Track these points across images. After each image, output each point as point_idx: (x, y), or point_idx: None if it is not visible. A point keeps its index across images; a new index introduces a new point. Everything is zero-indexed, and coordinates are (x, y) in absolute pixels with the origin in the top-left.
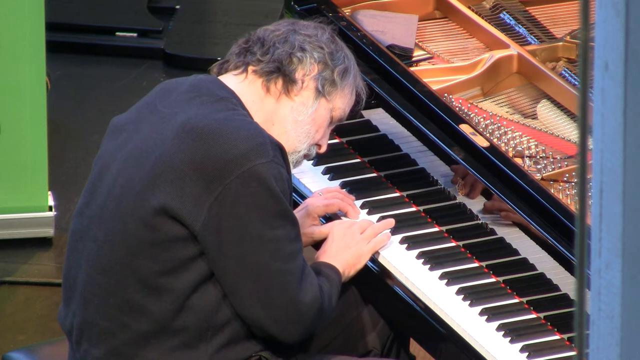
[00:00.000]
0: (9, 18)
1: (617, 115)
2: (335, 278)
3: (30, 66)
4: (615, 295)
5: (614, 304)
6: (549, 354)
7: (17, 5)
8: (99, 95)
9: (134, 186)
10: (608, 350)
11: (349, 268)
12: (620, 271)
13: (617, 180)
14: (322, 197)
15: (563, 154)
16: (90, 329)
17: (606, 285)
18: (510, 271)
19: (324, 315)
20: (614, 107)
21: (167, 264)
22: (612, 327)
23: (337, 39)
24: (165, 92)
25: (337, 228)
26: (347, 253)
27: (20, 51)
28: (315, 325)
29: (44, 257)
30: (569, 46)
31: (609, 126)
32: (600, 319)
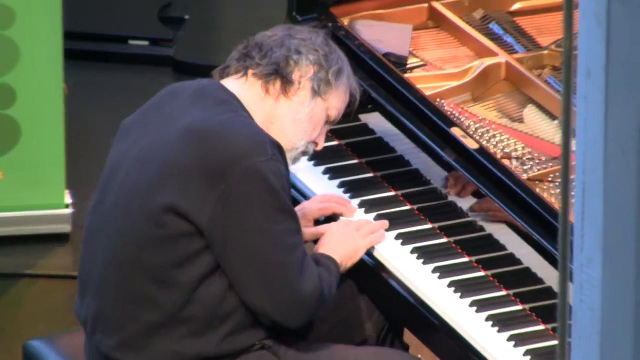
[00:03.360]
0: (29, 28)
1: (599, 120)
2: (334, 269)
3: (49, 73)
4: (596, 288)
5: (595, 296)
6: (534, 343)
7: (36, 16)
8: (113, 100)
9: (142, 185)
10: (589, 340)
11: (346, 260)
12: (601, 266)
13: (598, 181)
14: (318, 201)
15: (548, 155)
16: (104, 320)
17: (588, 279)
18: (498, 265)
19: (323, 303)
20: (596, 112)
21: (175, 258)
22: (593, 318)
23: (330, 42)
24: (171, 95)
25: (335, 225)
26: (344, 247)
27: (39, 59)
28: (315, 312)
29: (61, 252)
30: (553, 54)
31: (591, 130)
32: (582, 310)
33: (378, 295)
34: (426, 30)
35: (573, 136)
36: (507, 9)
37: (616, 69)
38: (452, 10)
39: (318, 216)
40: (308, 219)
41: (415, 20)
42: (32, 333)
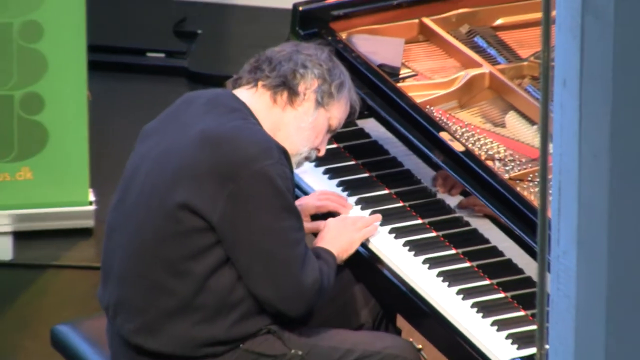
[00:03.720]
0: (56, 42)
1: (574, 125)
2: (331, 261)
3: (74, 82)
4: (572, 277)
5: (571, 285)
6: (515, 328)
7: (63, 30)
8: (132, 107)
9: (160, 185)
10: (564, 325)
11: (343, 252)
12: (576, 257)
13: (573, 181)
14: (316, 198)
15: (527, 157)
16: (124, 306)
17: (564, 269)
18: (482, 257)
19: (323, 293)
20: (571, 118)
21: (188, 251)
22: (568, 304)
23: (334, 58)
24: (187, 103)
25: (332, 220)
26: (341, 240)
27: (66, 69)
28: (316, 301)
29: (84, 245)
30: (532, 65)
31: (567, 134)
32: (558, 297)
33: (373, 284)
34: (417, 44)
35: (550, 140)
36: (490, 24)
37: (589, 79)
38: (441, 25)
39: (315, 212)
40: (305, 214)
41: (407, 34)
42: (59, 318)
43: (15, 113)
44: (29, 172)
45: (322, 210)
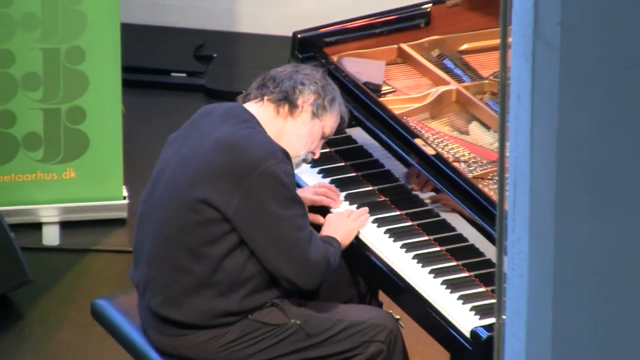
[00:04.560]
0: (95, 64)
1: (526, 133)
2: (336, 245)
3: (111, 97)
4: (525, 259)
5: (524, 266)
6: (477, 301)
7: (101, 54)
8: (158, 118)
9: (183, 183)
10: (519, 299)
11: (344, 240)
12: (528, 242)
13: (526, 179)
14: (312, 192)
15: (488, 159)
16: (152, 283)
17: (518, 253)
18: (450, 242)
19: (330, 269)
20: (524, 127)
21: (207, 237)
22: (522, 282)
23: (326, 76)
24: (205, 115)
25: (331, 215)
26: (341, 230)
27: (104, 87)
28: (325, 276)
29: (119, 233)
30: (492, 83)
31: (521, 140)
32: (514, 276)
33: (359, 265)
34: (395, 65)
35: (507, 145)
36: (457, 49)
37: (539, 95)
38: (415, 50)
39: (310, 204)
40: None
41: (387, 57)
42: (98, 294)
43: (61, 123)
44: (73, 172)
45: (316, 203)
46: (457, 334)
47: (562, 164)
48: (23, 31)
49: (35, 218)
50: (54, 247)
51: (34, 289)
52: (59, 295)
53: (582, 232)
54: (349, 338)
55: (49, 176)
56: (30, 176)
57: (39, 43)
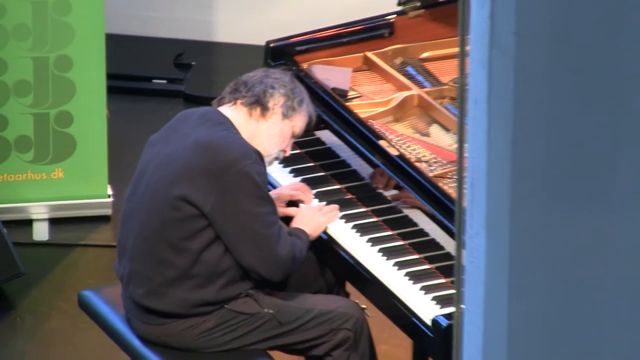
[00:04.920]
0: (82, 71)
1: (483, 135)
2: (304, 237)
3: (96, 103)
4: (482, 253)
5: (481, 259)
6: (438, 292)
7: (87, 62)
8: (141, 122)
9: (163, 182)
10: (476, 290)
11: (313, 232)
12: (485, 237)
13: (482, 177)
14: (289, 188)
15: (447, 159)
16: (135, 276)
17: (476, 246)
18: (412, 237)
19: (297, 262)
20: (481, 129)
21: (186, 232)
22: (479, 274)
23: (295, 80)
24: (183, 118)
25: (304, 208)
26: (311, 222)
27: (90, 93)
28: (291, 269)
29: (104, 229)
30: (451, 89)
31: (478, 142)
32: (471, 269)
33: (328, 258)
34: (361, 72)
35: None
36: (419, 57)
37: (495, 99)
38: (380, 58)
39: (288, 199)
40: (281, 201)
41: (354, 64)
42: (84, 285)
43: (50, 126)
44: (61, 172)
45: (294, 198)
46: (419, 322)
47: (517, 163)
48: (15, 41)
49: (26, 215)
50: (43, 242)
51: (25, 281)
52: (49, 287)
53: (535, 227)
54: (319, 326)
55: (38, 176)
56: (22, 176)
57: (30, 52)
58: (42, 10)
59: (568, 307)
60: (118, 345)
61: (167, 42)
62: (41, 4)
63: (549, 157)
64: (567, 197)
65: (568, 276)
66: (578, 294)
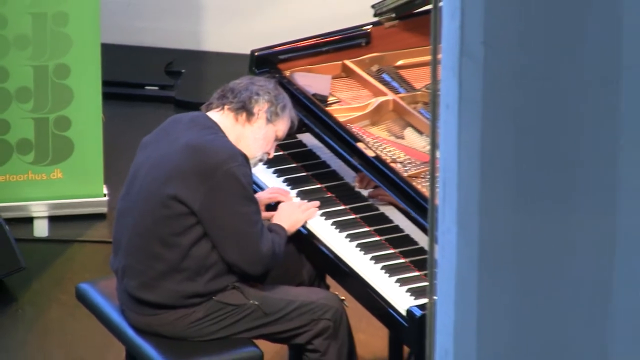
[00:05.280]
0: (79, 78)
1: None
2: (283, 234)
3: (92, 108)
4: (453, 248)
5: (452, 253)
6: (412, 284)
7: (84, 70)
8: (134, 126)
9: (156, 182)
10: (448, 282)
11: (291, 227)
12: (456, 233)
13: (454, 177)
14: (268, 192)
15: (421, 160)
16: (130, 269)
17: (447, 242)
18: (388, 233)
19: (276, 257)
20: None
21: (176, 229)
22: (451, 267)
23: (278, 87)
24: (174, 122)
25: (284, 204)
26: (290, 218)
27: (86, 99)
28: (271, 265)
29: (100, 226)
30: (424, 94)
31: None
32: (443, 263)
33: (309, 252)
34: (340, 79)
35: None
36: (394, 64)
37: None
38: (357, 65)
39: (267, 202)
40: (260, 205)
41: (333, 72)
42: (82, 278)
43: (50, 130)
44: (60, 172)
45: (273, 201)
46: (394, 312)
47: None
48: (16, 50)
49: (27, 213)
50: (43, 238)
51: (26, 275)
52: (48, 280)
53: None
54: (300, 316)
55: (39, 176)
56: (23, 176)
57: (30, 61)
58: (42, 22)
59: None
60: (113, 334)
61: (158, 51)
62: (40, 15)
63: (516, 158)
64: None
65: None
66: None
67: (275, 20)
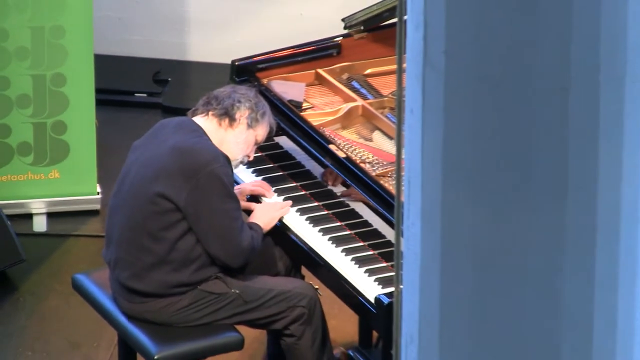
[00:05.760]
0: (74, 86)
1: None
2: (260, 231)
3: (86, 113)
4: (418, 241)
5: (417, 245)
6: (380, 274)
7: (78, 78)
8: (125, 130)
9: (145, 181)
10: (413, 272)
11: (267, 225)
12: (420, 227)
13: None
14: (251, 184)
15: (388, 161)
16: (121, 261)
17: (412, 235)
18: (358, 227)
19: (254, 251)
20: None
21: (164, 224)
22: (415, 258)
23: (258, 95)
24: (162, 127)
25: (260, 205)
26: (266, 217)
27: (81, 105)
28: (250, 257)
29: (94, 221)
30: (390, 100)
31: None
32: (409, 254)
33: (286, 245)
34: (314, 86)
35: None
36: (362, 73)
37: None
38: (329, 74)
39: (249, 194)
40: (243, 195)
41: (307, 80)
42: (77, 269)
43: (47, 134)
44: (57, 173)
45: (255, 193)
46: (364, 300)
47: (447, 164)
48: (16, 61)
49: (27, 210)
50: (42, 233)
51: (26, 266)
52: (47, 271)
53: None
54: (278, 304)
55: (37, 176)
56: (23, 176)
57: (29, 70)
58: (40, 35)
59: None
60: (106, 320)
61: (147, 61)
62: (39, 29)
63: (474, 159)
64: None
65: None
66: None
67: (254, 33)
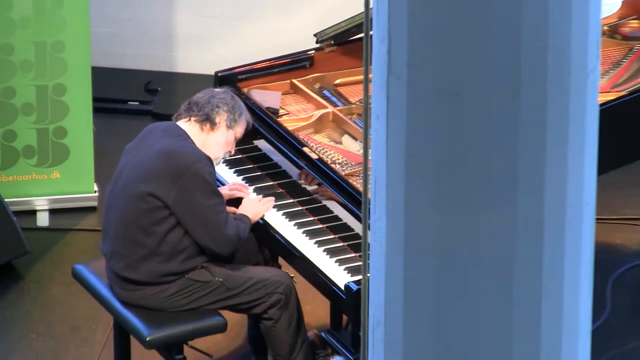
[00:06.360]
0: (74, 95)
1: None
2: (247, 221)
3: (84, 120)
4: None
5: (382, 237)
6: (349, 263)
7: (77, 88)
8: (119, 134)
9: (136, 182)
10: (379, 261)
11: (254, 217)
12: (385, 221)
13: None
14: (228, 189)
15: (356, 162)
16: (116, 253)
17: (378, 228)
18: (329, 222)
19: (241, 240)
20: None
21: (154, 219)
22: (381, 250)
23: (235, 97)
24: (150, 131)
25: (247, 199)
26: (252, 210)
27: (80, 112)
28: (237, 246)
29: (92, 217)
30: (358, 107)
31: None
32: (375, 246)
33: (265, 238)
34: (289, 94)
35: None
36: (333, 82)
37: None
38: (303, 84)
39: (228, 198)
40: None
41: (283, 89)
42: (76, 260)
43: (50, 138)
44: (58, 173)
45: (233, 196)
46: (335, 287)
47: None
48: (21, 72)
49: (31, 206)
50: (44, 227)
51: (31, 257)
52: (49, 262)
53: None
54: (257, 290)
55: (41, 176)
56: (27, 177)
57: (33, 81)
58: (42, 49)
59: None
60: (103, 306)
61: (138, 73)
62: (41, 44)
63: (434, 160)
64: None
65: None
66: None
67: (235, 47)
